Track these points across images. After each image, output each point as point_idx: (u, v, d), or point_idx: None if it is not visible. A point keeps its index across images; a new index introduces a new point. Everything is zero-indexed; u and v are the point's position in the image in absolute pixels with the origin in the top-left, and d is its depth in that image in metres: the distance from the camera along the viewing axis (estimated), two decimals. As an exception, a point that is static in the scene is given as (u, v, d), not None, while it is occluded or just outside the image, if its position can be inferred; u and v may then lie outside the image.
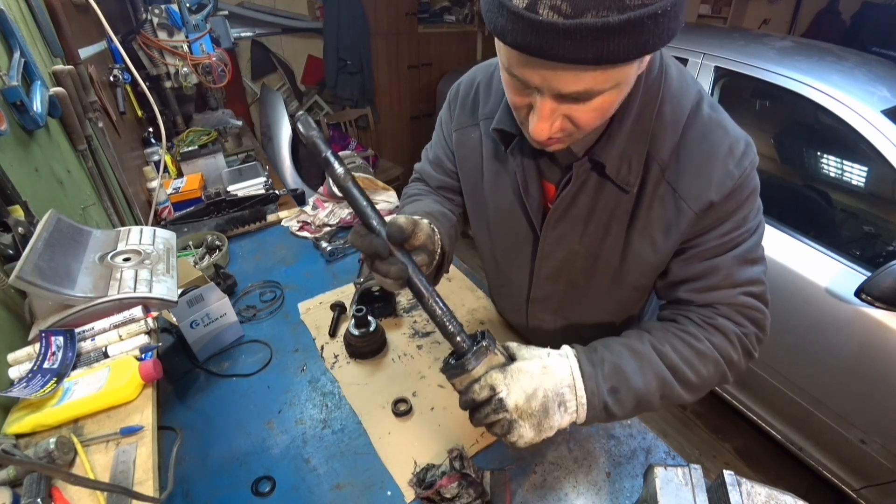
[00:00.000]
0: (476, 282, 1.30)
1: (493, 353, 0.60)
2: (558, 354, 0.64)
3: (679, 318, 0.70)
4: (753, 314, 0.67)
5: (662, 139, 0.62)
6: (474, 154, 0.81)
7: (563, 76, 0.47)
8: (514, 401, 0.58)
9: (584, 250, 0.74)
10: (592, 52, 0.43)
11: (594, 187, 0.67)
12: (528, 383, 0.59)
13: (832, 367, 1.55)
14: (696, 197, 0.62)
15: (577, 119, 0.53)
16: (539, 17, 0.42)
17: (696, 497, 0.63)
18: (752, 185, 0.63)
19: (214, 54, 2.08)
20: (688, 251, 0.67)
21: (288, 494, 0.79)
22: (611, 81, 0.49)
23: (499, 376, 0.59)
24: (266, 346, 1.10)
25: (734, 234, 0.64)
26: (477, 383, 0.59)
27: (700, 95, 0.64)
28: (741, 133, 0.63)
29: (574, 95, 0.50)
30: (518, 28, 0.44)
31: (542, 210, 0.75)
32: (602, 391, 0.61)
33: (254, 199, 1.62)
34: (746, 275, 0.65)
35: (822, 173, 1.92)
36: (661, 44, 0.45)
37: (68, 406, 0.67)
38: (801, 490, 1.83)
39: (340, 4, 3.33)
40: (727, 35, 2.05)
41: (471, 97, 0.81)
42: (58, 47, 1.22)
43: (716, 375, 0.66)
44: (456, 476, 0.72)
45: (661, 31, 0.43)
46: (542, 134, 0.54)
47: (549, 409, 0.59)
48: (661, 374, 0.64)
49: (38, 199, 0.88)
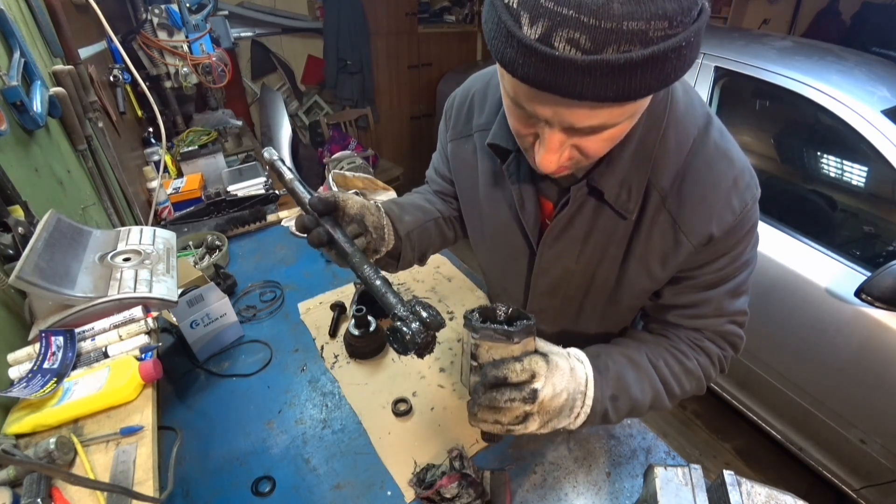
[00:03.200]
0: (476, 282, 1.30)
1: (532, 338, 0.55)
2: (577, 359, 0.62)
3: (670, 336, 0.72)
4: (734, 339, 0.70)
5: (664, 166, 0.60)
6: (469, 166, 0.81)
7: (578, 112, 0.44)
8: (544, 395, 0.53)
9: (580, 270, 0.73)
10: (613, 90, 0.40)
11: (592, 210, 0.66)
12: (560, 382, 0.56)
13: (832, 367, 1.55)
14: (696, 230, 0.61)
15: (587, 149, 0.51)
16: (555, 51, 0.38)
17: (696, 497, 0.63)
18: (752, 220, 0.62)
19: (214, 54, 2.08)
20: (682, 282, 0.67)
21: (288, 494, 0.79)
22: (627, 114, 0.47)
23: (542, 364, 0.54)
24: (266, 346, 1.10)
25: (729, 269, 0.64)
26: (519, 363, 0.53)
27: (708, 119, 0.61)
28: (746, 164, 0.61)
29: (588, 129, 0.47)
30: (530, 62, 0.40)
31: (539, 226, 0.73)
32: (605, 398, 0.61)
33: (254, 199, 1.62)
34: (734, 306, 0.67)
35: (822, 173, 1.92)
36: (682, 74, 0.42)
37: (68, 406, 0.67)
38: (801, 490, 1.83)
39: (340, 4, 3.33)
40: (727, 35, 2.05)
41: (465, 108, 0.80)
42: (58, 47, 1.22)
43: (695, 389, 0.71)
44: (456, 476, 0.72)
45: (684, 62, 0.41)
46: (551, 166, 0.51)
47: (562, 412, 0.57)
48: (655, 387, 0.66)
49: (38, 199, 0.88)
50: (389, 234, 0.72)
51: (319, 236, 0.62)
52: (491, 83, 0.78)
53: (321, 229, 0.62)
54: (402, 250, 0.76)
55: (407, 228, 0.77)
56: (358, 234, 0.66)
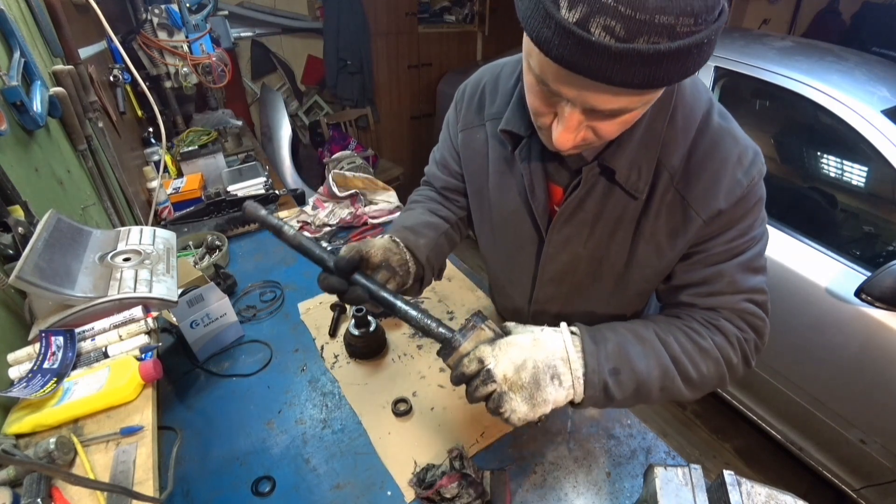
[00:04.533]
0: (476, 281, 1.30)
1: (480, 329, 0.61)
2: (552, 329, 0.63)
3: (682, 315, 0.70)
4: (754, 321, 0.68)
5: (673, 146, 0.62)
6: (480, 155, 0.82)
7: (602, 96, 0.47)
8: (502, 371, 0.57)
9: (588, 254, 0.74)
10: (640, 77, 0.42)
11: (602, 192, 0.67)
12: (517, 354, 0.58)
13: (832, 367, 1.55)
14: (704, 205, 0.62)
15: (602, 131, 0.54)
16: (591, 36, 0.41)
17: (696, 497, 0.63)
18: (758, 194, 0.64)
19: (214, 54, 2.08)
20: (693, 257, 0.67)
21: (288, 494, 0.79)
22: (645, 100, 0.50)
23: (486, 348, 0.59)
24: (266, 346, 1.10)
25: (739, 242, 0.64)
26: (466, 357, 0.59)
27: (711, 103, 0.64)
28: (750, 142, 0.64)
29: (607, 112, 0.50)
30: (566, 43, 0.42)
31: (548, 213, 0.75)
32: (603, 369, 0.60)
33: (254, 199, 1.62)
34: (749, 283, 0.66)
35: (822, 173, 1.92)
36: (700, 67, 0.45)
37: (68, 406, 0.67)
38: (801, 490, 1.83)
39: (340, 4, 3.33)
40: (727, 35, 2.05)
41: (476, 97, 0.81)
42: (58, 47, 1.22)
43: (715, 375, 0.66)
44: (456, 476, 0.72)
45: (703, 57, 0.44)
46: (567, 144, 0.54)
47: (540, 381, 0.58)
48: (664, 363, 0.63)
49: (38, 199, 0.88)
50: (412, 265, 0.74)
51: (359, 296, 0.62)
52: (502, 74, 0.79)
53: (357, 288, 0.63)
54: (423, 275, 0.78)
55: (425, 253, 0.78)
56: (388, 278, 0.68)
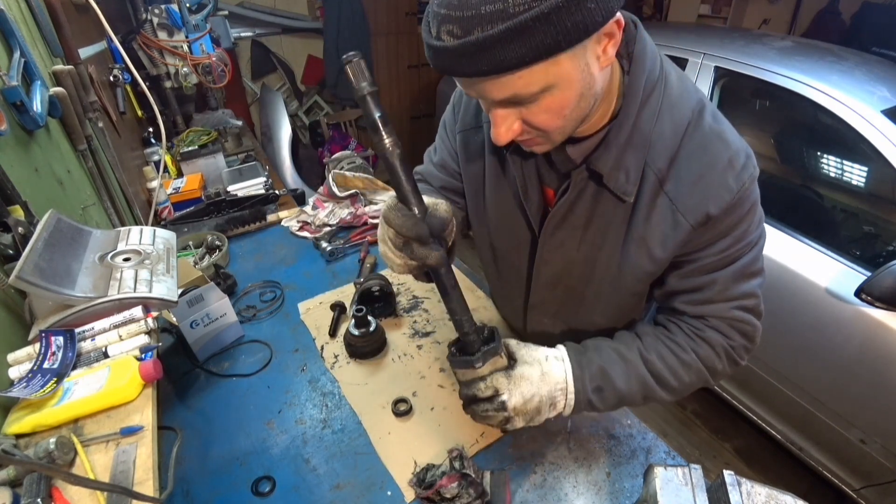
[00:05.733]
0: (476, 281, 1.30)
1: (498, 356, 0.66)
2: (555, 357, 0.69)
3: (670, 326, 0.73)
4: (743, 327, 0.69)
5: (661, 149, 0.62)
6: (477, 156, 0.82)
7: (486, 86, 0.51)
8: (513, 404, 0.64)
9: (581, 257, 0.74)
10: (486, 65, 0.46)
11: (592, 195, 0.67)
12: (528, 389, 0.65)
13: (832, 367, 1.55)
14: (693, 210, 0.61)
15: (533, 121, 0.55)
16: (440, 41, 0.48)
17: (696, 497, 0.63)
18: (751, 199, 0.63)
19: (214, 54, 2.08)
20: (686, 265, 0.67)
21: (288, 494, 0.79)
22: (538, 84, 0.49)
23: (503, 381, 0.64)
24: (266, 346, 1.10)
25: (733, 249, 0.64)
26: (483, 382, 0.65)
27: (701, 104, 0.63)
28: (742, 145, 0.62)
29: (508, 100, 0.52)
30: (431, 55, 0.50)
31: (542, 214, 0.75)
32: (587, 390, 0.68)
33: (254, 199, 1.62)
34: (742, 289, 0.66)
35: (822, 173, 1.92)
36: (574, 40, 0.45)
37: (68, 406, 0.67)
38: (801, 490, 1.83)
39: (340, 4, 3.33)
40: (727, 35, 2.05)
41: (474, 100, 0.81)
42: (58, 47, 1.22)
43: (697, 382, 0.72)
44: (456, 476, 0.72)
45: (563, 28, 0.44)
46: (501, 138, 0.57)
47: (541, 410, 0.67)
48: (644, 380, 0.69)
49: (38, 199, 0.88)
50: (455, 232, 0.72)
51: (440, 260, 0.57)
52: None
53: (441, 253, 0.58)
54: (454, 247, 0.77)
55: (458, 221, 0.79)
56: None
